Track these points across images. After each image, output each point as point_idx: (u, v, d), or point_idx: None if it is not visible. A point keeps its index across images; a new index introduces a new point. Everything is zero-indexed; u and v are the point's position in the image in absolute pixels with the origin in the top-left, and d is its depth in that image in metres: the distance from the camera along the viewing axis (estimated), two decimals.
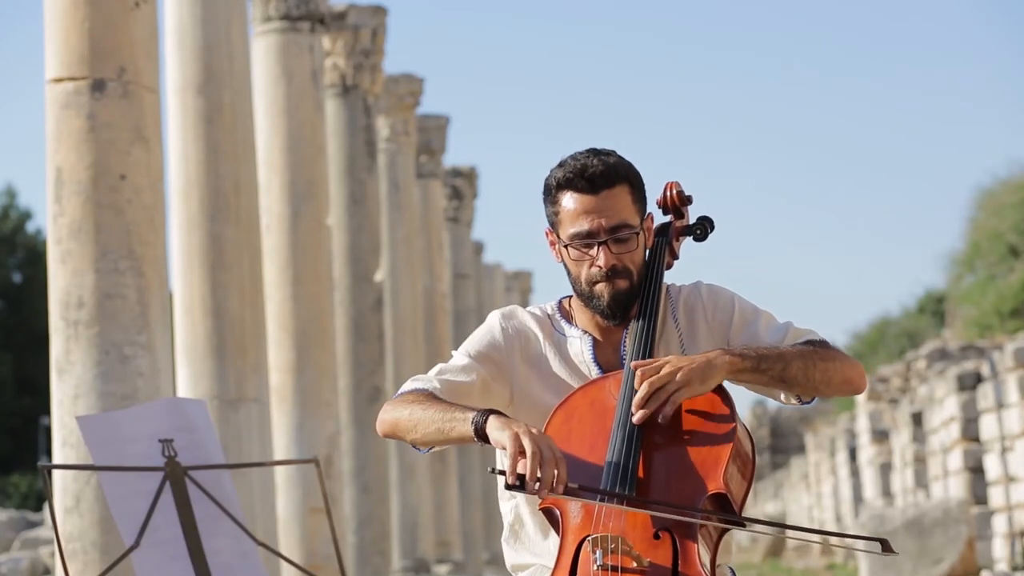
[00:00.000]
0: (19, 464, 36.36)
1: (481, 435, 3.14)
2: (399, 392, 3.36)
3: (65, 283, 6.58)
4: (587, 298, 3.35)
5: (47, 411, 27.61)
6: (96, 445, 2.91)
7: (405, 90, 17.12)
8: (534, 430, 3.08)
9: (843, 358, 3.31)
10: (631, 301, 3.34)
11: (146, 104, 6.74)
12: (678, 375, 3.17)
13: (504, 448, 3.09)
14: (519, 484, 3.04)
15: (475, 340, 3.43)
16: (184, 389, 8.81)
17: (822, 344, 3.32)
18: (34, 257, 37.96)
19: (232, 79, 9.13)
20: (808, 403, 3.36)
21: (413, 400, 3.28)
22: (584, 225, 3.30)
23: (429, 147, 19.17)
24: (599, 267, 3.30)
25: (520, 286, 30.25)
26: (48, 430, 31.36)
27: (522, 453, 3.05)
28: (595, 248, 3.30)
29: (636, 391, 3.20)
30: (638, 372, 3.21)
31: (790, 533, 3.04)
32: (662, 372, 3.19)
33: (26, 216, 39.97)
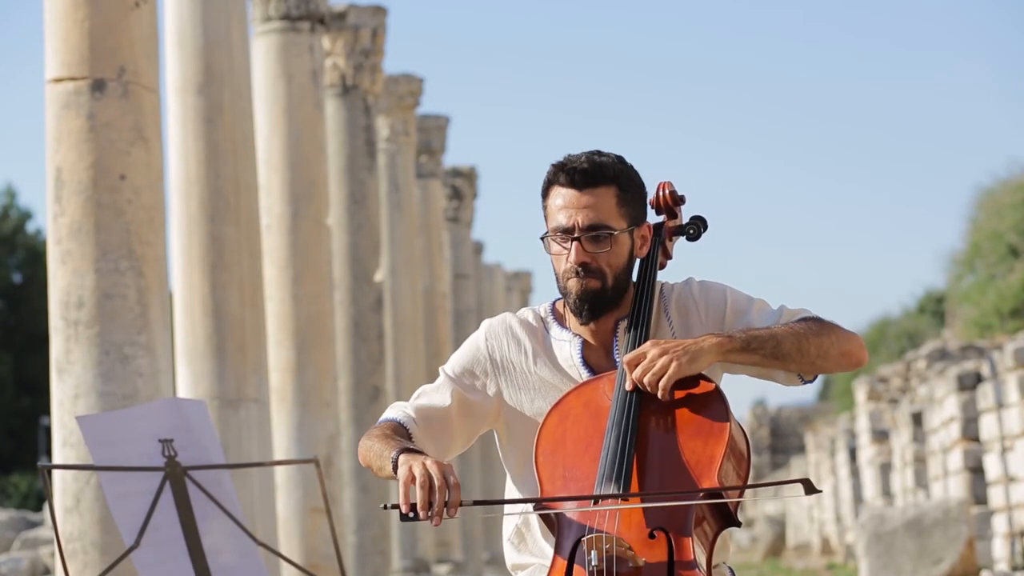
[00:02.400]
0: (19, 464, 36.37)
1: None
2: (377, 422, 3.40)
3: (65, 283, 6.58)
4: (563, 294, 3.38)
5: (47, 411, 27.62)
6: (96, 445, 2.91)
7: (405, 90, 17.12)
8: (428, 461, 3.11)
9: (839, 331, 3.30)
10: (602, 302, 3.34)
11: (146, 104, 6.73)
12: (663, 358, 3.20)
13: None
14: (414, 515, 3.08)
15: (458, 356, 3.46)
16: (184, 389, 8.81)
17: (816, 320, 3.32)
18: (34, 257, 37.97)
19: (232, 79, 9.13)
20: (810, 381, 3.35)
21: (377, 434, 3.31)
22: (562, 220, 3.32)
23: (429, 147, 19.16)
24: (570, 263, 3.31)
25: (520, 286, 30.24)
26: (48, 430, 31.36)
27: (413, 483, 3.08)
28: (570, 243, 3.31)
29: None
30: (626, 364, 3.23)
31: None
32: (648, 356, 3.21)
33: (26, 216, 39.98)
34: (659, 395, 3.18)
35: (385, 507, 3.16)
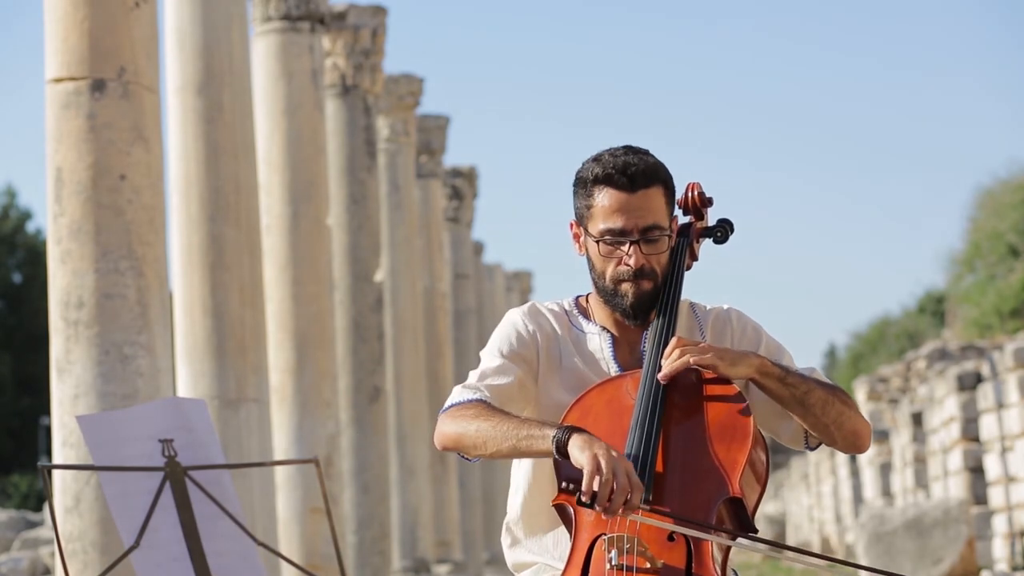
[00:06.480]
0: (19, 464, 36.38)
1: (562, 452, 3.12)
2: (452, 403, 3.30)
3: (65, 283, 6.58)
4: (610, 295, 3.35)
5: (47, 411, 27.62)
6: (96, 445, 2.91)
7: (405, 90, 17.11)
8: (614, 453, 3.06)
9: (858, 411, 3.34)
10: (653, 303, 3.35)
11: (146, 104, 6.73)
12: (707, 348, 3.22)
13: (582, 468, 3.07)
14: (591, 503, 3.05)
15: (503, 339, 3.40)
16: (184, 389, 8.80)
17: (844, 392, 3.35)
18: (34, 257, 37.97)
19: (232, 79, 9.12)
20: (812, 448, 3.38)
21: (476, 414, 3.23)
22: (618, 222, 3.30)
23: (429, 147, 19.16)
24: (628, 266, 3.30)
25: (520, 286, 30.25)
26: (48, 430, 31.37)
27: (599, 474, 3.03)
28: (627, 246, 3.30)
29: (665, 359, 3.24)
30: (673, 341, 3.24)
31: (794, 556, 3.07)
32: (692, 341, 3.25)
33: (26, 216, 39.98)
34: (678, 364, 3.20)
35: (566, 487, 3.11)
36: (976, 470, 15.09)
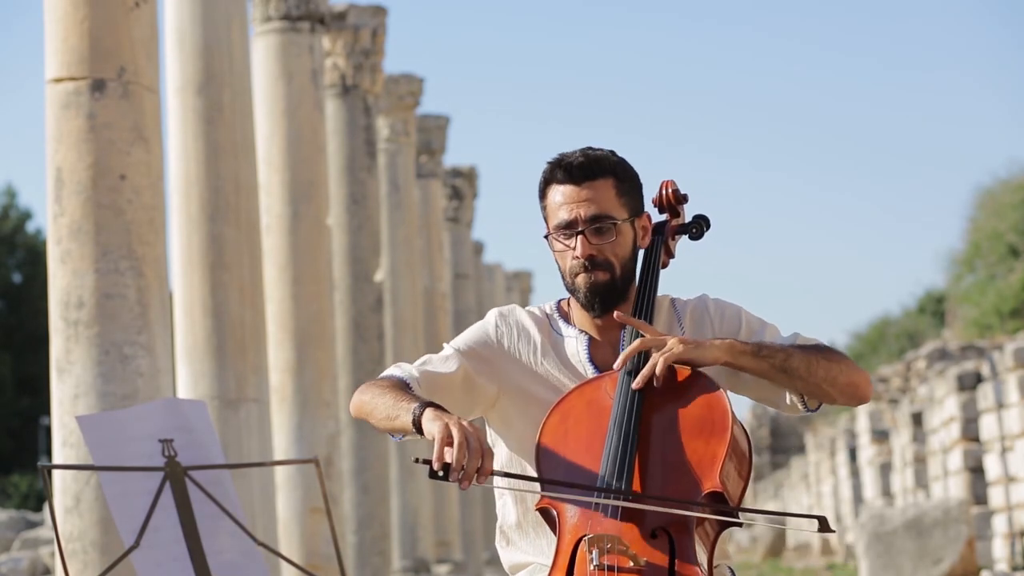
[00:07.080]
0: (19, 464, 36.39)
1: (418, 426, 3.16)
2: (377, 378, 3.38)
3: (65, 283, 6.58)
4: (571, 291, 3.38)
5: (47, 411, 27.63)
6: (96, 445, 2.91)
7: (405, 90, 17.12)
8: (465, 422, 3.09)
9: (849, 363, 3.30)
10: (613, 294, 3.35)
11: (146, 104, 6.73)
12: (672, 339, 3.22)
13: (433, 438, 3.10)
14: (443, 474, 3.06)
15: (466, 335, 3.46)
16: (184, 389, 8.80)
17: (828, 348, 3.33)
18: (34, 257, 37.99)
19: (232, 79, 9.13)
20: (812, 410, 3.35)
21: (381, 386, 3.31)
22: (563, 215, 3.34)
23: (429, 147, 19.17)
24: (576, 257, 3.32)
25: (520, 286, 30.26)
26: (48, 430, 31.37)
27: (449, 443, 3.06)
28: (574, 238, 3.32)
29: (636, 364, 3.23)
30: (636, 342, 3.24)
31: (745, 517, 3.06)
32: (656, 336, 3.24)
33: (26, 216, 39.99)
34: (655, 373, 3.19)
35: (416, 460, 3.13)
36: (976, 470, 15.10)
